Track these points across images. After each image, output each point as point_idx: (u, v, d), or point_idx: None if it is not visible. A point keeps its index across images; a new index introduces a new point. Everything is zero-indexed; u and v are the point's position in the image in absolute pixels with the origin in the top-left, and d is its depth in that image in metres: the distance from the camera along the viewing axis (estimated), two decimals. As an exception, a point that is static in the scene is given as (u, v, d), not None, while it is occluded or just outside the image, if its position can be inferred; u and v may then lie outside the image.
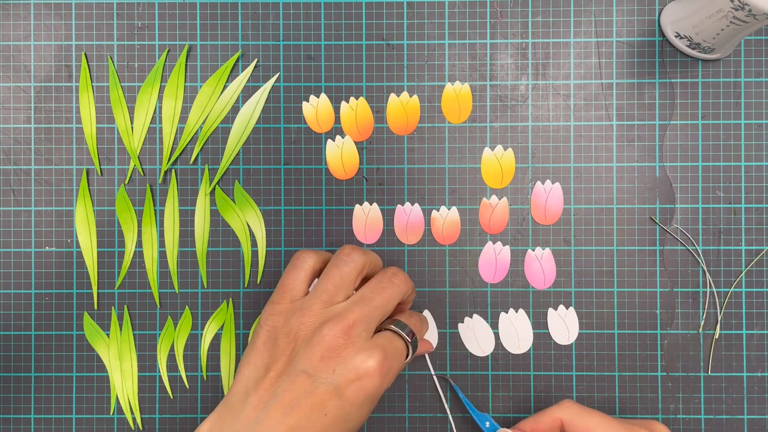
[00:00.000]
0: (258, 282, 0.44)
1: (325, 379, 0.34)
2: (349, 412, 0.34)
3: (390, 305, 0.36)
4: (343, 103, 0.44)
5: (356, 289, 0.38)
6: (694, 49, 0.42)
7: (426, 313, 0.43)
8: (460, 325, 0.44)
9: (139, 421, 0.43)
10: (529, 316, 0.43)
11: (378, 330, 0.37)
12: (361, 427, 0.36)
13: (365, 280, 0.38)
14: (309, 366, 0.34)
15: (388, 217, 0.44)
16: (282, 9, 0.44)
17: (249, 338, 0.43)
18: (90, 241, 0.44)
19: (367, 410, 0.35)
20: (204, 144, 0.44)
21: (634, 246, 0.43)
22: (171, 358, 0.44)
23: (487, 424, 0.41)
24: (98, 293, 0.44)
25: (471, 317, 0.44)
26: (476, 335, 0.44)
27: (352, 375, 0.34)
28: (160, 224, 0.44)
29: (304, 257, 0.37)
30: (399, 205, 0.44)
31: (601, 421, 0.37)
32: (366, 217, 0.44)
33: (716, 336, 0.43)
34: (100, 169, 0.44)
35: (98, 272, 0.44)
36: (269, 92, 0.44)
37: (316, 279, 0.38)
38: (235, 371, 0.43)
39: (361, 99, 0.44)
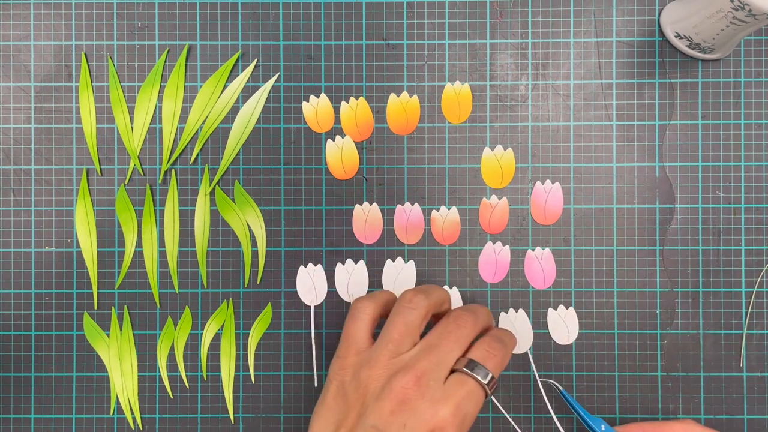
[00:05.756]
0: (258, 282, 0.44)
1: None
2: None
3: (459, 347, 0.35)
4: (343, 103, 0.44)
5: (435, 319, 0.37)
6: (694, 49, 0.42)
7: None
8: (460, 325, 0.44)
9: (139, 421, 0.43)
10: (529, 316, 0.43)
11: (453, 370, 0.35)
12: None
13: (437, 316, 0.38)
14: (379, 421, 0.33)
15: (388, 217, 0.44)
16: (282, 9, 0.44)
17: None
18: (90, 241, 0.44)
19: None
20: (204, 144, 0.44)
21: (634, 246, 0.43)
22: (171, 358, 0.44)
23: (603, 427, 0.39)
24: (98, 293, 0.44)
25: (471, 317, 0.44)
26: (476, 335, 0.44)
27: (423, 429, 0.33)
28: (160, 224, 0.44)
29: (362, 306, 0.37)
30: (399, 205, 0.44)
31: None
32: (366, 217, 0.44)
33: (717, 336, 0.43)
34: (100, 169, 0.44)
35: (98, 272, 0.44)
36: (269, 92, 0.44)
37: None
38: (234, 371, 0.43)
39: (361, 99, 0.44)
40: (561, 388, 0.41)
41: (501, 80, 0.44)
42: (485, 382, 0.34)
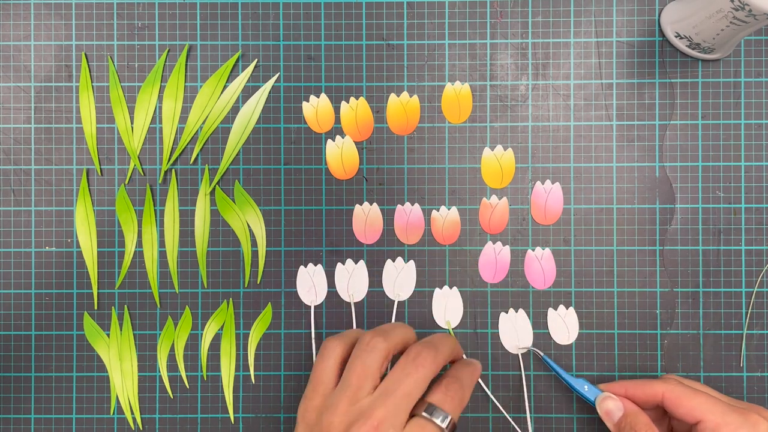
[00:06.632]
0: (258, 282, 0.44)
1: None
2: None
3: (418, 390, 0.35)
4: (343, 103, 0.44)
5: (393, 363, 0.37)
6: (694, 49, 0.42)
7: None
8: (460, 325, 0.44)
9: (139, 421, 0.43)
10: (529, 316, 0.43)
11: (413, 414, 0.35)
12: None
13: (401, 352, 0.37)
14: None
15: (388, 217, 0.44)
16: (282, 9, 0.44)
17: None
18: (90, 241, 0.44)
19: None
20: (204, 144, 0.44)
21: (634, 246, 0.43)
22: (171, 358, 0.44)
23: (586, 387, 0.40)
24: (98, 293, 0.44)
25: (471, 317, 0.44)
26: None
27: None
28: (160, 224, 0.44)
29: (331, 346, 0.37)
30: (399, 205, 0.44)
31: (705, 402, 0.36)
32: (366, 217, 0.44)
33: (717, 336, 0.43)
34: (100, 169, 0.44)
35: (98, 272, 0.44)
36: (269, 92, 0.44)
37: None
38: (235, 371, 0.43)
39: (361, 99, 0.44)
40: (542, 354, 0.42)
41: (501, 80, 0.44)
42: (444, 426, 0.34)
